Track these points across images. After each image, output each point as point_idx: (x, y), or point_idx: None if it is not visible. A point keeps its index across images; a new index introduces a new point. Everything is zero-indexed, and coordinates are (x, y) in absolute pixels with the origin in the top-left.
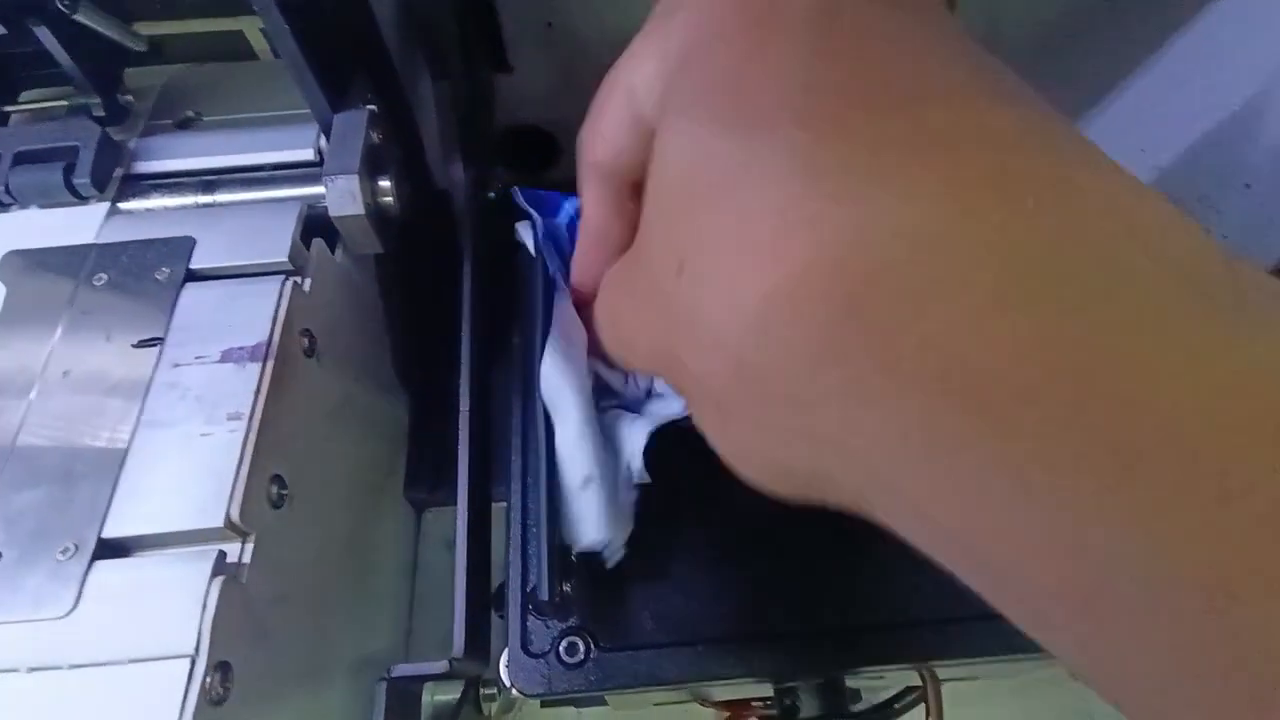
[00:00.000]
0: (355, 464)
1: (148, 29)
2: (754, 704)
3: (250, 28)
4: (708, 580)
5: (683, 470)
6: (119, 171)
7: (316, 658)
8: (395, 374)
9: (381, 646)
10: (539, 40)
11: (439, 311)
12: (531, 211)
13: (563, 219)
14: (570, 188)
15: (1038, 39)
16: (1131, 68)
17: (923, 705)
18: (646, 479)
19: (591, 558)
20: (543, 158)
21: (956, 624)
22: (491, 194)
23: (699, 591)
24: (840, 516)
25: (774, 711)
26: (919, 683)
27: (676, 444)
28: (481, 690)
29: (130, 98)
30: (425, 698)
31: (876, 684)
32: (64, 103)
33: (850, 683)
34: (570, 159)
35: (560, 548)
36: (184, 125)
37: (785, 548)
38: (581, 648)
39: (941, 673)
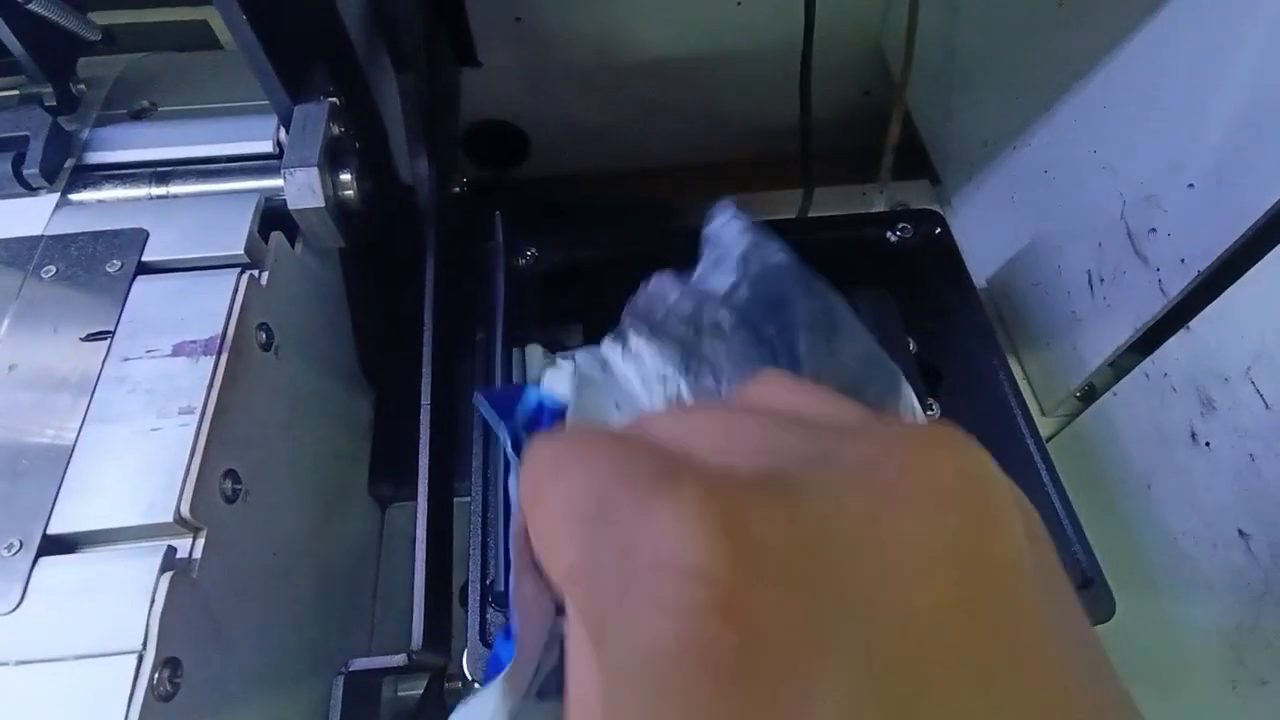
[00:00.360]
0: (317, 459)
1: (106, 18)
2: None
3: (215, 18)
4: None
5: None
6: (70, 162)
7: (275, 654)
8: (360, 369)
9: (345, 643)
10: (507, 35)
11: (404, 306)
12: (499, 422)
13: (527, 409)
14: (539, 185)
15: (990, 43)
16: (1081, 70)
17: None
18: None
19: None
20: (511, 153)
21: None
22: (456, 189)
23: None
24: None
25: None
26: None
27: None
28: (446, 685)
29: (83, 87)
30: (387, 693)
31: None
32: (14, 92)
33: None
34: (539, 155)
35: None
36: (138, 115)
37: None
38: None
39: None
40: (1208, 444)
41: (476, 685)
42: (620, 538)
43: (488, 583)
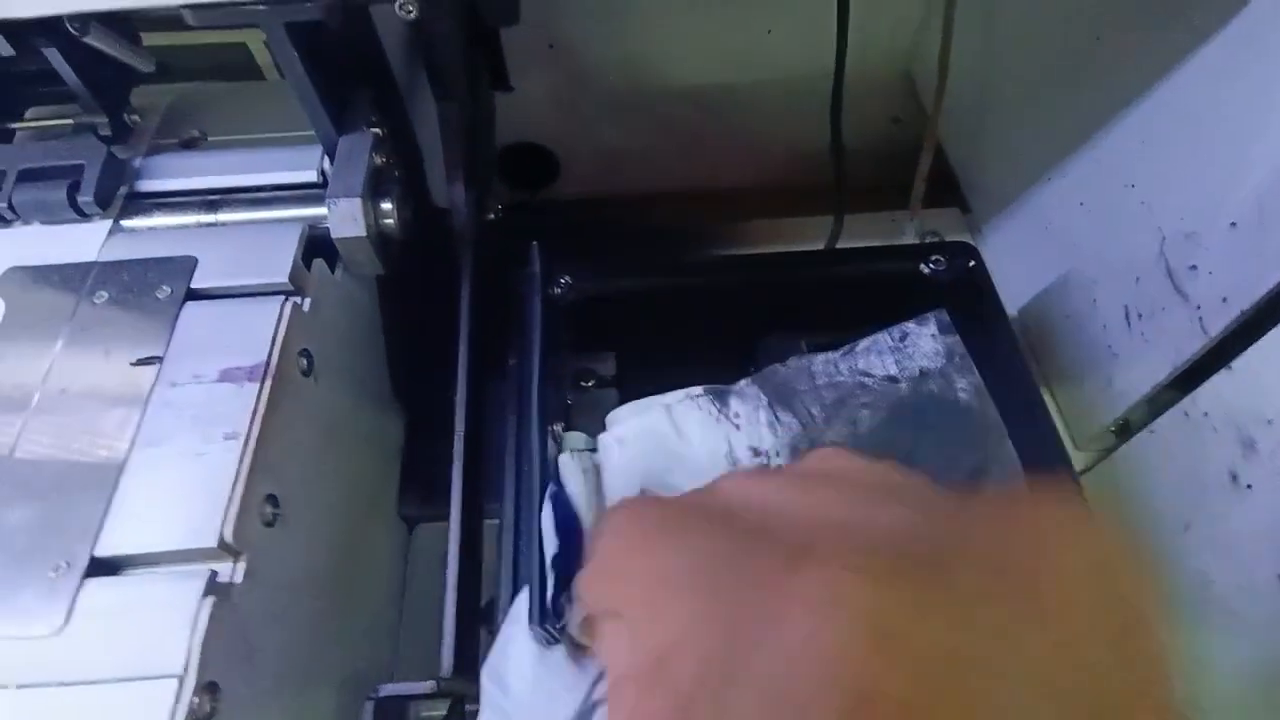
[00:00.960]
0: (349, 480)
1: (153, 40)
2: None
3: (254, 40)
4: None
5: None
6: (123, 190)
7: (304, 675)
8: (392, 391)
9: (369, 662)
10: (540, 61)
11: (436, 329)
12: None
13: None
14: (568, 206)
15: (1024, 73)
16: (1118, 104)
17: None
18: None
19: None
20: (542, 176)
21: None
22: (491, 215)
23: None
24: None
25: None
26: None
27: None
28: (467, 707)
29: (136, 116)
30: (412, 714)
31: None
32: (69, 120)
33: None
34: (569, 177)
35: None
36: (188, 145)
37: None
38: None
39: None
40: (1249, 486)
41: None
42: (753, 608)
43: None
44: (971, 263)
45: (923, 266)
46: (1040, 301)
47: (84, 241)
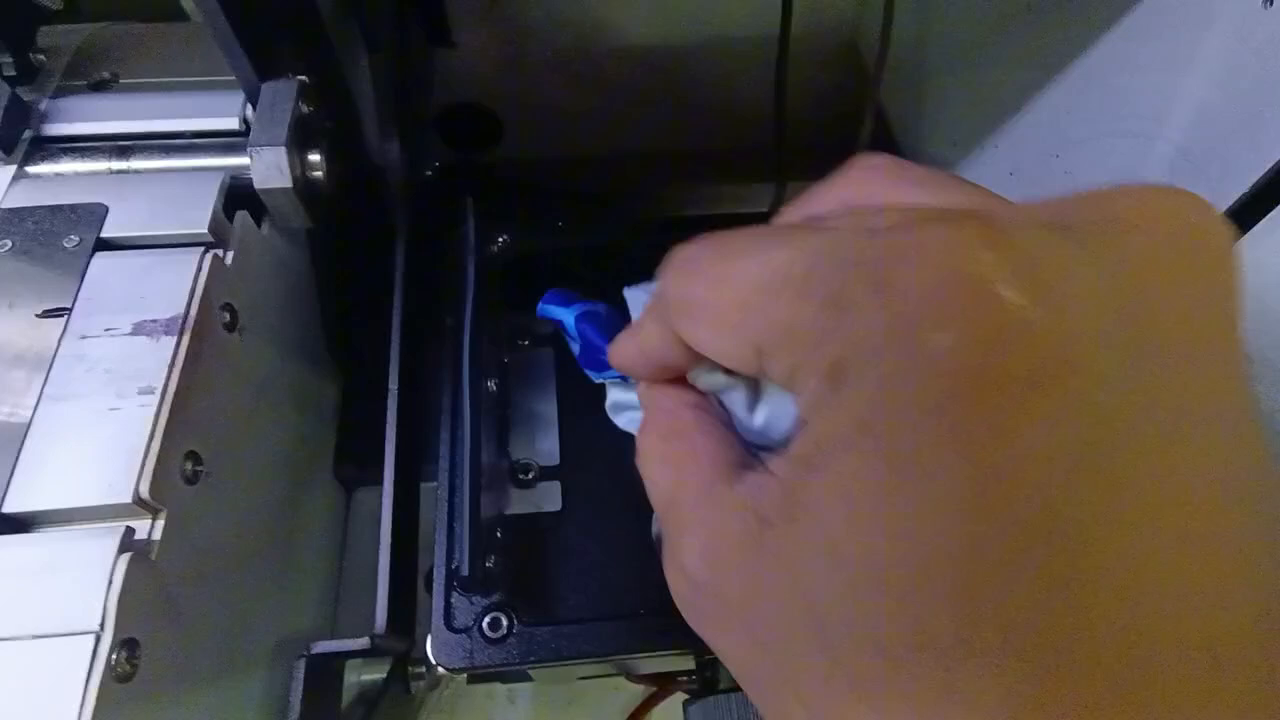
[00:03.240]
0: (282, 441)
1: None
2: (679, 678)
3: None
4: (629, 557)
5: (604, 450)
6: (27, 133)
7: (236, 636)
8: (327, 351)
9: (307, 626)
10: (483, 17)
11: (372, 289)
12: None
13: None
14: (511, 168)
15: (965, 46)
16: (1045, 73)
17: None
18: None
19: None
20: (483, 136)
21: None
22: (428, 172)
23: (620, 568)
24: None
25: (696, 685)
26: None
27: (599, 427)
28: (410, 669)
29: (43, 56)
30: (350, 677)
31: None
32: None
33: None
34: (512, 138)
35: (485, 525)
36: (99, 87)
37: None
38: (504, 623)
39: None
40: None
41: (440, 670)
42: (872, 278)
43: (453, 567)
44: None
45: None
46: None
47: None
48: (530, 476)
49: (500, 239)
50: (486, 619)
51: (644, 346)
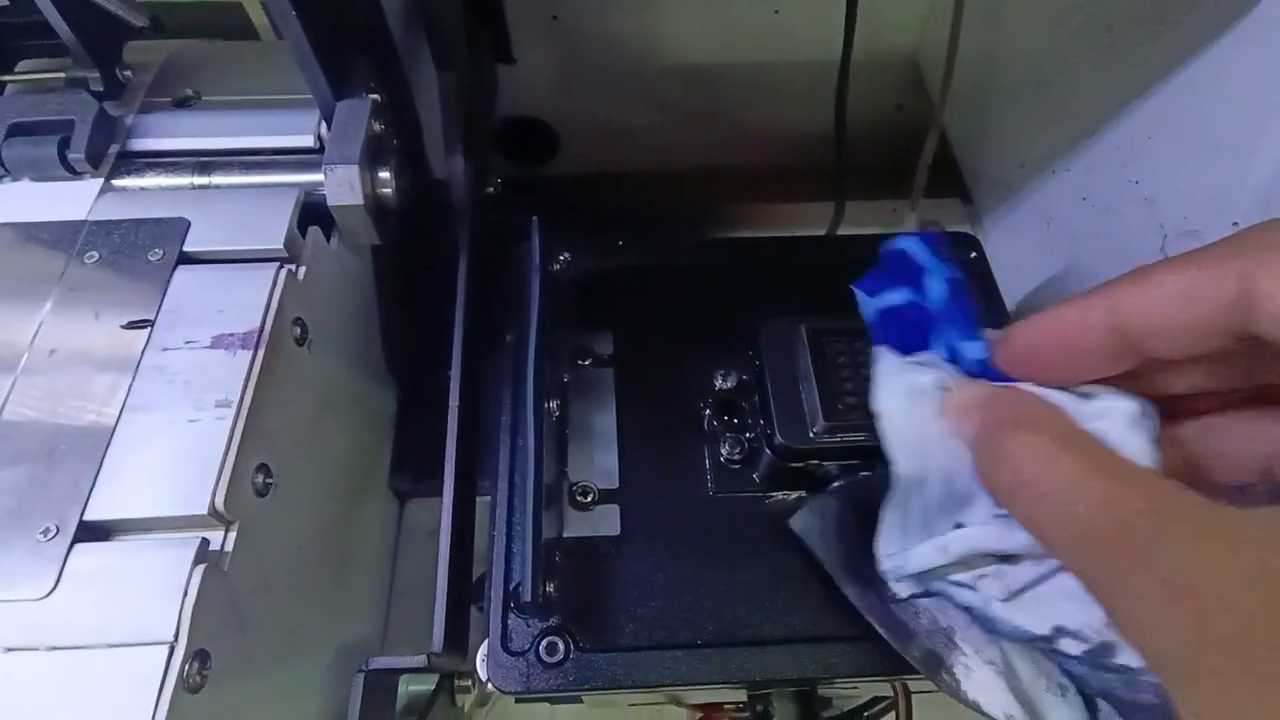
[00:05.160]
0: (341, 453)
1: None
2: (727, 708)
3: (250, 1)
4: (687, 587)
5: (663, 474)
6: (114, 148)
7: (294, 646)
8: (386, 364)
9: (360, 635)
10: (543, 33)
11: (432, 303)
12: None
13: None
14: (567, 182)
15: (1032, 64)
16: (1126, 98)
17: (892, 713)
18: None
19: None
20: (542, 151)
21: None
22: (490, 189)
23: (678, 597)
24: None
25: (746, 715)
26: (889, 693)
27: (658, 451)
28: (456, 682)
29: (129, 73)
30: (401, 688)
31: (850, 692)
32: (61, 75)
33: (822, 691)
34: (568, 153)
35: (545, 547)
36: (182, 104)
37: (764, 558)
38: (561, 648)
39: (913, 685)
40: None
41: (493, 689)
42: None
43: (512, 589)
44: (973, 254)
45: None
46: (1039, 295)
47: (74, 200)
48: (589, 499)
49: (562, 257)
50: (543, 643)
51: (1092, 325)
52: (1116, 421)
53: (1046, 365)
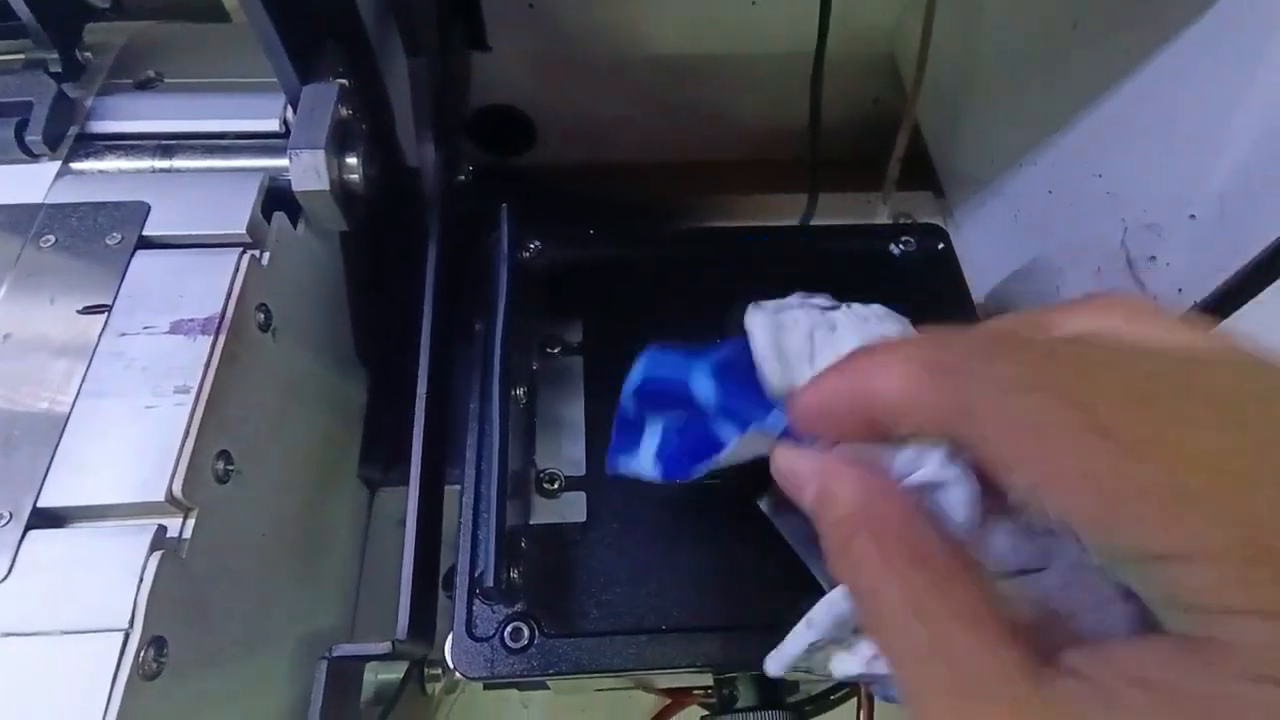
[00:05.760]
0: (308, 441)
1: None
2: (694, 692)
3: None
4: (653, 572)
5: None
6: (73, 130)
7: (259, 635)
8: (355, 352)
9: (328, 625)
10: (519, 21)
11: (402, 291)
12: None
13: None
14: (543, 173)
15: (1003, 59)
16: (1091, 93)
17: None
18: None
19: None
20: (517, 140)
21: None
22: (462, 176)
23: (644, 583)
24: None
25: (713, 700)
26: None
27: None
28: (426, 670)
29: (89, 54)
30: (368, 676)
31: (814, 677)
32: (20, 56)
33: (788, 675)
34: (545, 143)
35: (509, 534)
36: (144, 86)
37: (729, 544)
38: (526, 633)
39: None
40: None
41: (459, 675)
42: None
43: (476, 575)
44: (940, 245)
45: (892, 247)
46: (1006, 287)
47: (31, 183)
48: (556, 486)
49: (532, 245)
50: (508, 629)
51: (851, 399)
52: (932, 466)
53: (832, 431)
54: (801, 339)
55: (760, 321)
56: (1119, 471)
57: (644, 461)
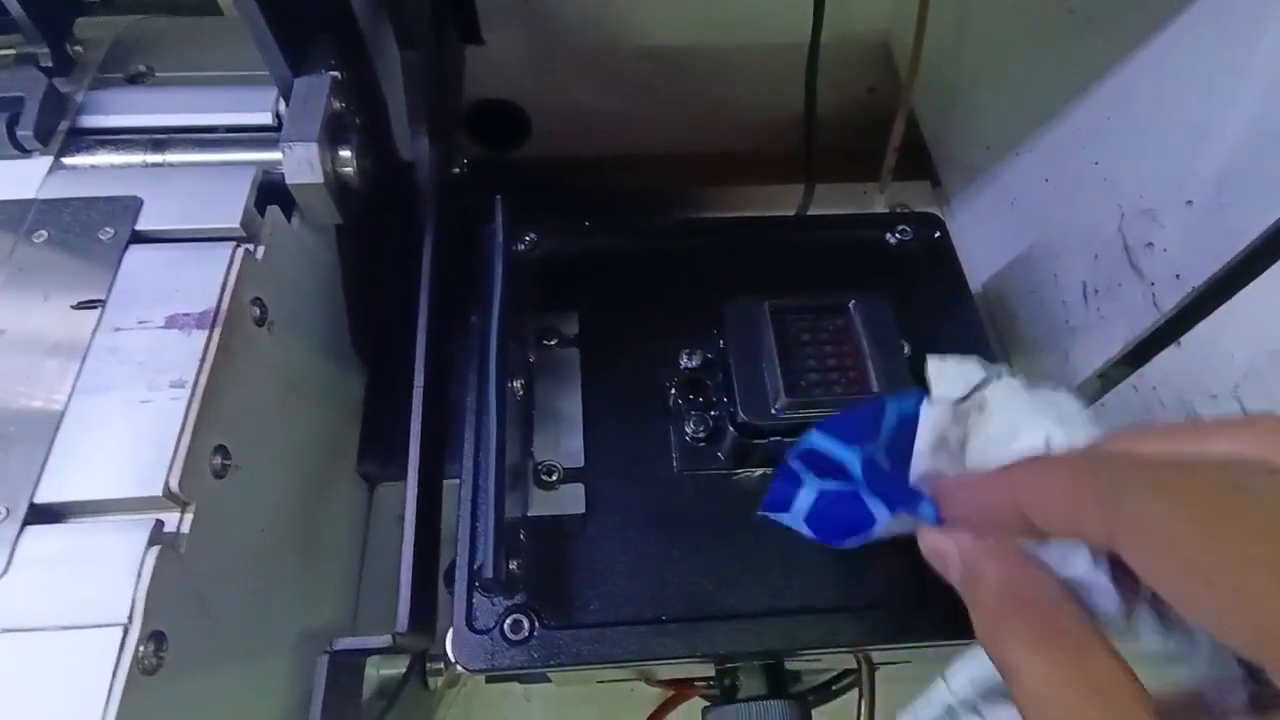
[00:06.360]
0: (307, 436)
1: None
2: (696, 683)
3: None
4: (652, 563)
5: (628, 453)
6: (64, 125)
7: (259, 629)
8: (352, 346)
9: (328, 619)
10: (513, 14)
11: (398, 285)
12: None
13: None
14: (539, 166)
15: (998, 47)
16: (1087, 80)
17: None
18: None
19: (544, 535)
20: (513, 134)
21: (888, 611)
22: (456, 169)
23: (643, 574)
24: None
25: (715, 691)
26: (856, 665)
27: (623, 430)
28: (428, 665)
29: (80, 48)
30: (370, 671)
31: (816, 666)
32: (10, 51)
33: (790, 665)
34: (540, 136)
35: (508, 526)
36: (135, 80)
37: (728, 534)
38: (526, 625)
39: (876, 656)
40: None
41: (460, 669)
42: None
43: (476, 568)
44: (937, 234)
45: (889, 236)
46: (1004, 275)
47: (23, 178)
48: (554, 478)
49: (528, 237)
50: (508, 621)
51: (1012, 510)
52: (1082, 566)
53: (985, 529)
54: (961, 433)
55: (932, 420)
56: None
57: (794, 520)
